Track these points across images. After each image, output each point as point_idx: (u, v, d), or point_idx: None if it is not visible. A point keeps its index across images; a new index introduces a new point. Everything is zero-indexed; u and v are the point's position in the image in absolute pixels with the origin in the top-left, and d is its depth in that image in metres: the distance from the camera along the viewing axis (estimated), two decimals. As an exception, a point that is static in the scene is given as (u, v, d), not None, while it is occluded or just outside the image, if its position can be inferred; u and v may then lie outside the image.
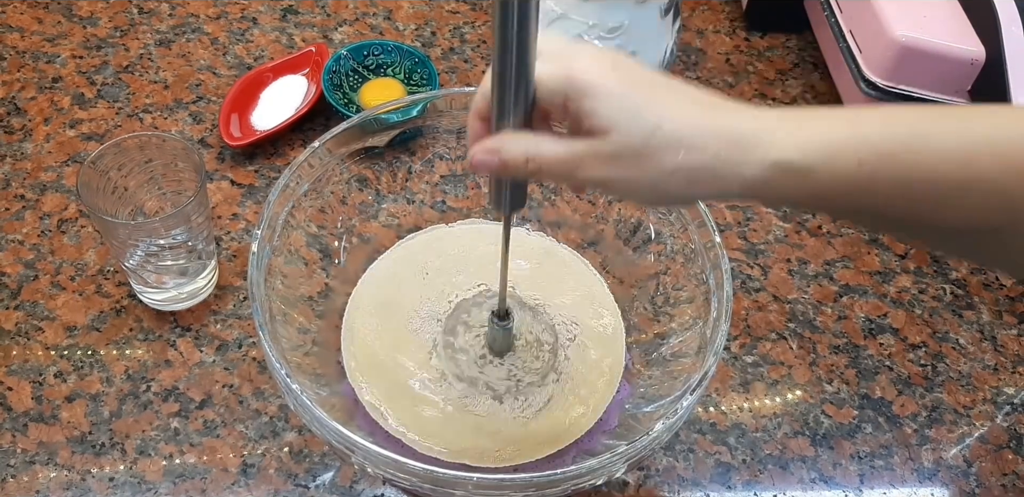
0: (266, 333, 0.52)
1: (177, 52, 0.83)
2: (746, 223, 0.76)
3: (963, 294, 0.74)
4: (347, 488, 0.61)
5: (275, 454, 0.62)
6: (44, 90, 0.79)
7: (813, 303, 0.72)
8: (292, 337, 0.59)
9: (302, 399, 0.50)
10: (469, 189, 0.69)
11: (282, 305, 0.58)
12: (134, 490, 0.60)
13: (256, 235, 0.56)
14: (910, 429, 0.66)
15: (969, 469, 0.65)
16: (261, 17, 0.87)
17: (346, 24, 0.87)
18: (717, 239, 0.57)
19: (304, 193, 0.61)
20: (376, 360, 0.62)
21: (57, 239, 0.70)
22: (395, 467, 0.49)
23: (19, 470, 0.60)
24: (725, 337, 0.54)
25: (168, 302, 0.66)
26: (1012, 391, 0.69)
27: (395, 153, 0.66)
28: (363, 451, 0.49)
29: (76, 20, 0.85)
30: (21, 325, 0.66)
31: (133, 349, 0.66)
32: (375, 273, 0.66)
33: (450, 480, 0.49)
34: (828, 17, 0.80)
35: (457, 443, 0.59)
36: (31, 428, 0.62)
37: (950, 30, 0.74)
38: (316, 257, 0.63)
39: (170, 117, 0.79)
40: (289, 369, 0.52)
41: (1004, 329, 0.72)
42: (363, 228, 0.66)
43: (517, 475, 0.49)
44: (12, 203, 0.72)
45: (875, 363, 0.69)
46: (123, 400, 0.63)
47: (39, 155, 0.75)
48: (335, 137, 0.60)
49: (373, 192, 0.66)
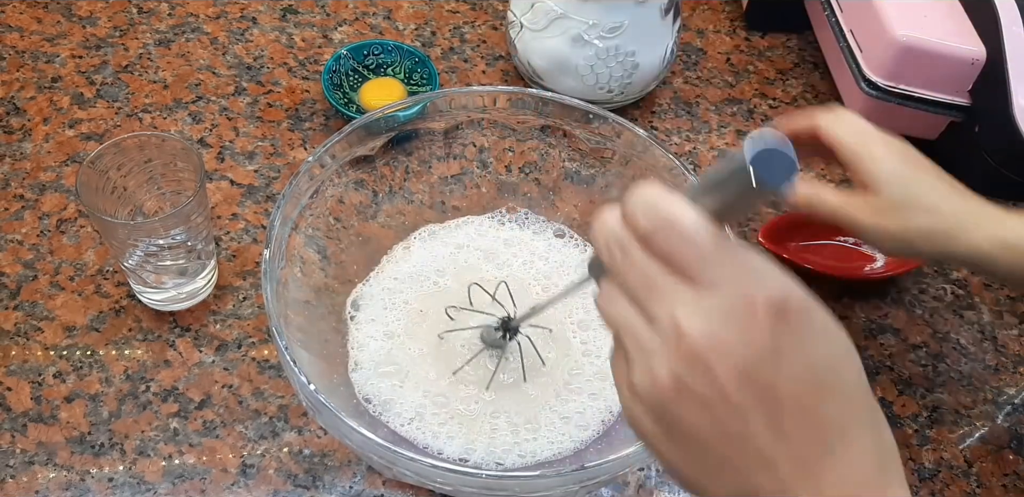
0: (288, 356, 0.52)
1: (176, 52, 0.83)
2: (746, 223, 0.76)
3: (964, 294, 0.73)
4: (347, 488, 0.61)
5: (275, 454, 0.61)
6: (43, 90, 0.79)
7: (813, 303, 0.72)
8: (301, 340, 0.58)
9: (340, 418, 0.50)
10: (468, 189, 0.69)
11: (290, 312, 0.58)
12: (133, 490, 0.60)
13: (265, 256, 0.55)
14: (911, 429, 0.66)
15: (970, 469, 0.65)
16: (261, 17, 0.86)
17: (346, 24, 0.87)
18: None
19: (308, 199, 0.61)
20: (379, 360, 0.62)
21: (56, 239, 0.70)
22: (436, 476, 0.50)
23: (18, 470, 0.60)
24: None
25: (167, 302, 0.66)
26: (1013, 391, 0.69)
27: (393, 153, 0.66)
28: (405, 465, 0.49)
29: (75, 20, 0.85)
30: (20, 325, 0.66)
31: (132, 349, 0.65)
32: (375, 273, 0.66)
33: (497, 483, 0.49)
34: (828, 17, 0.80)
35: (465, 441, 0.59)
36: (30, 428, 0.62)
37: (951, 30, 0.74)
38: (315, 258, 0.63)
39: (169, 117, 0.79)
40: (318, 386, 0.51)
41: (1005, 329, 0.72)
42: (362, 228, 0.66)
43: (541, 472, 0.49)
44: (11, 203, 0.72)
45: (875, 363, 0.69)
46: (122, 400, 0.63)
47: (38, 155, 0.75)
48: (337, 143, 0.60)
49: (371, 192, 0.66)
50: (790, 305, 0.33)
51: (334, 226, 0.64)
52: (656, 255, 0.34)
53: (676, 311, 0.33)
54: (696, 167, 0.79)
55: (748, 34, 0.90)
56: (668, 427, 0.34)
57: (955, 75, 0.74)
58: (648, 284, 0.34)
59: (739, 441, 0.33)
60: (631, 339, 0.35)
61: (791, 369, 0.33)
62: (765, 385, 0.32)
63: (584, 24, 0.73)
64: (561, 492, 0.51)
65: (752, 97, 0.85)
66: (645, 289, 0.34)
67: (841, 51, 0.78)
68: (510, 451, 0.59)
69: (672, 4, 0.75)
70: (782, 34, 0.90)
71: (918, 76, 0.74)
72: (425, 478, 0.51)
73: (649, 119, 0.82)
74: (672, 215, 0.33)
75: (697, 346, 0.32)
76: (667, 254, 0.34)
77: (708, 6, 0.92)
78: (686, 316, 0.33)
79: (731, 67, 0.87)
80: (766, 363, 0.32)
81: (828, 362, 0.33)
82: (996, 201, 0.56)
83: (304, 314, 0.60)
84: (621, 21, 0.72)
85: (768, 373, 0.32)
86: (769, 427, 0.33)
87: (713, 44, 0.89)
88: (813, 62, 0.88)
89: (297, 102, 0.80)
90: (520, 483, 0.51)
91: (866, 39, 0.76)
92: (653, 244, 0.34)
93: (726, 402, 0.33)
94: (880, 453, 0.35)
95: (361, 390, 0.61)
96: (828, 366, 0.33)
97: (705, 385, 0.33)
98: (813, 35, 0.88)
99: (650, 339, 0.34)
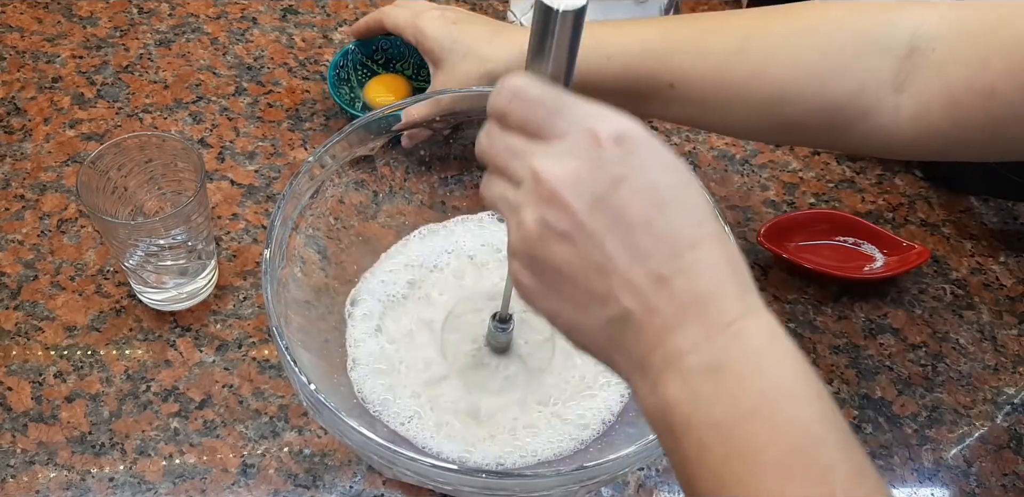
0: (289, 356, 0.52)
1: (177, 52, 0.83)
2: (746, 223, 0.76)
3: (963, 294, 0.74)
4: (347, 488, 0.61)
5: (275, 454, 0.62)
6: (44, 90, 0.79)
7: (813, 303, 0.72)
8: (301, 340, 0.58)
9: (339, 417, 0.50)
10: (468, 189, 0.69)
11: (290, 312, 0.58)
12: (134, 490, 0.60)
13: (265, 256, 0.55)
14: (910, 429, 0.66)
15: (969, 469, 0.65)
16: (261, 17, 0.87)
17: (346, 24, 0.87)
18: None
19: (308, 199, 0.61)
20: (379, 360, 0.62)
21: (57, 239, 0.70)
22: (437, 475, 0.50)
23: (19, 470, 0.60)
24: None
25: (168, 302, 0.66)
26: (1012, 391, 0.69)
27: (393, 153, 0.66)
28: (405, 465, 0.49)
29: (76, 20, 0.85)
30: (21, 325, 0.66)
31: (133, 349, 0.66)
32: (374, 271, 0.66)
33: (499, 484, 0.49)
34: (828, 17, 0.80)
35: (465, 441, 0.59)
36: (31, 428, 0.62)
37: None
38: (316, 258, 0.63)
39: (170, 117, 0.79)
40: (318, 385, 0.51)
41: (1004, 329, 0.72)
42: (362, 228, 0.66)
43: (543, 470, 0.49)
44: (12, 203, 0.72)
45: (875, 363, 0.69)
46: (123, 400, 0.63)
47: (39, 155, 0.75)
48: (337, 143, 0.60)
49: (371, 192, 0.66)
50: (630, 133, 0.35)
51: (334, 226, 0.64)
52: (513, 128, 0.37)
53: (532, 162, 0.36)
54: (696, 167, 0.79)
55: (748, 34, 0.90)
56: (540, 273, 0.37)
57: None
58: (511, 152, 0.37)
59: (601, 267, 0.36)
60: (505, 206, 0.38)
61: (637, 190, 0.35)
62: (615, 208, 0.35)
63: (584, 24, 0.72)
64: (561, 492, 0.51)
65: (752, 97, 0.85)
66: (509, 157, 0.37)
67: (841, 51, 0.78)
68: (510, 451, 0.59)
69: (672, 4, 0.75)
70: (782, 34, 0.90)
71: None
72: (425, 478, 0.51)
73: (649, 119, 0.82)
74: (515, 88, 0.37)
75: (553, 185, 0.35)
76: (521, 124, 0.37)
77: (708, 6, 0.92)
78: (541, 164, 0.36)
79: (731, 67, 0.87)
80: (614, 188, 0.35)
81: (670, 180, 0.36)
82: (996, 201, 0.56)
83: (304, 314, 0.60)
84: (621, 21, 0.72)
85: (616, 197, 0.35)
86: (625, 247, 0.35)
87: (713, 44, 0.89)
88: (813, 62, 0.88)
89: (297, 102, 0.80)
90: (520, 483, 0.51)
91: (866, 39, 0.76)
92: (509, 120, 0.37)
93: (583, 231, 0.35)
94: (732, 262, 0.36)
95: (360, 389, 0.61)
96: (670, 184, 0.36)
97: (564, 221, 0.35)
98: (813, 35, 0.88)
99: (515, 196, 0.37)
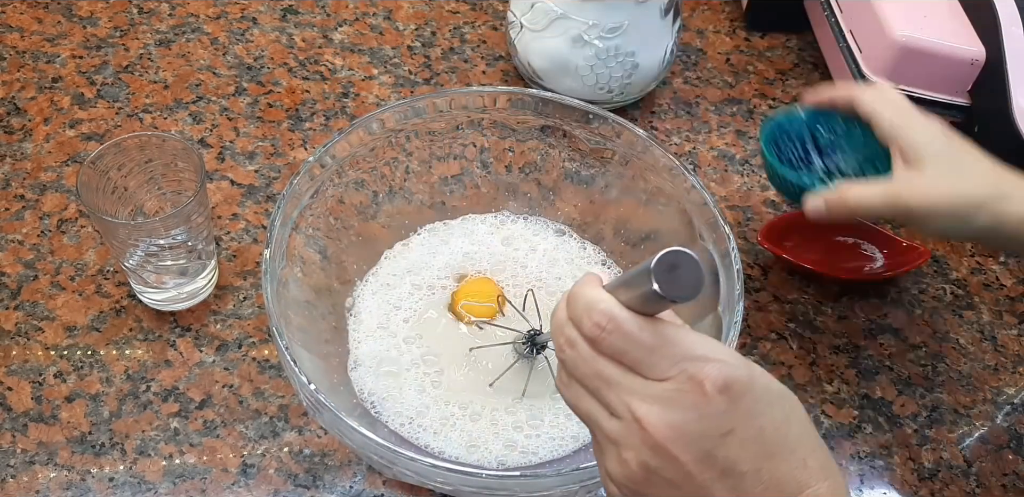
0: (289, 356, 0.52)
1: (177, 52, 0.83)
2: (746, 223, 0.76)
3: (963, 294, 0.74)
4: (347, 488, 0.61)
5: (275, 454, 0.62)
6: (44, 90, 0.79)
7: (813, 303, 0.72)
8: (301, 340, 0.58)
9: (340, 417, 0.50)
10: (468, 189, 0.69)
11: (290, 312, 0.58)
12: (134, 490, 0.60)
13: (265, 256, 0.55)
14: (910, 429, 0.66)
15: (969, 469, 0.65)
16: (261, 17, 0.87)
17: (346, 24, 0.87)
18: (732, 244, 0.57)
19: (308, 199, 0.61)
20: (379, 360, 0.62)
21: (57, 239, 0.70)
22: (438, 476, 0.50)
23: (19, 470, 0.60)
24: (736, 337, 0.54)
25: (168, 302, 0.66)
26: (1012, 391, 0.69)
27: (394, 153, 0.66)
28: (405, 465, 0.49)
29: (76, 20, 0.85)
30: (21, 325, 0.66)
31: (133, 349, 0.66)
32: (374, 272, 0.66)
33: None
34: (828, 17, 0.80)
35: (466, 441, 0.59)
36: (31, 428, 0.62)
37: (950, 30, 0.74)
38: (316, 258, 0.63)
39: (170, 117, 0.79)
40: (318, 385, 0.51)
41: (1004, 329, 0.72)
42: (362, 228, 0.66)
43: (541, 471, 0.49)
44: (12, 203, 0.72)
45: (875, 363, 0.69)
46: (123, 400, 0.63)
47: (39, 155, 0.75)
48: (337, 143, 0.60)
49: (371, 192, 0.66)
50: (735, 380, 0.37)
51: (334, 226, 0.64)
52: (604, 354, 0.38)
53: (632, 403, 0.37)
54: (696, 167, 0.79)
55: (748, 34, 0.90)
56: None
57: (955, 75, 0.74)
58: (601, 377, 0.38)
59: None
60: (598, 430, 0.40)
61: (744, 440, 0.37)
62: (724, 462, 0.37)
63: (584, 24, 0.73)
64: (561, 492, 0.51)
65: (752, 97, 0.85)
66: (599, 381, 0.38)
67: (841, 51, 0.78)
68: (511, 451, 0.59)
69: (672, 4, 0.75)
70: (782, 34, 0.90)
71: (918, 76, 0.74)
72: (425, 478, 0.51)
73: (649, 119, 0.82)
74: (611, 315, 0.38)
75: (659, 437, 0.37)
76: (616, 355, 0.38)
77: (708, 6, 0.92)
78: (643, 407, 0.37)
79: (731, 67, 0.87)
80: (722, 441, 0.37)
81: (775, 425, 0.38)
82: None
83: (304, 314, 0.60)
84: (621, 21, 0.72)
85: (724, 449, 0.37)
86: (733, 493, 0.37)
87: (713, 44, 0.89)
88: (813, 62, 0.88)
89: (297, 102, 0.80)
90: (520, 483, 0.51)
91: (866, 39, 0.76)
92: (601, 346, 0.38)
93: (692, 482, 0.37)
94: None
95: (361, 389, 0.61)
96: (776, 426, 0.38)
97: (672, 471, 0.37)
98: (813, 35, 0.88)
99: (614, 431, 0.38)
